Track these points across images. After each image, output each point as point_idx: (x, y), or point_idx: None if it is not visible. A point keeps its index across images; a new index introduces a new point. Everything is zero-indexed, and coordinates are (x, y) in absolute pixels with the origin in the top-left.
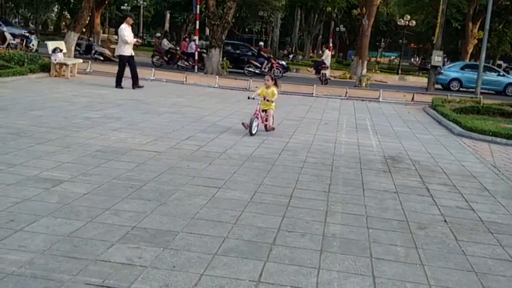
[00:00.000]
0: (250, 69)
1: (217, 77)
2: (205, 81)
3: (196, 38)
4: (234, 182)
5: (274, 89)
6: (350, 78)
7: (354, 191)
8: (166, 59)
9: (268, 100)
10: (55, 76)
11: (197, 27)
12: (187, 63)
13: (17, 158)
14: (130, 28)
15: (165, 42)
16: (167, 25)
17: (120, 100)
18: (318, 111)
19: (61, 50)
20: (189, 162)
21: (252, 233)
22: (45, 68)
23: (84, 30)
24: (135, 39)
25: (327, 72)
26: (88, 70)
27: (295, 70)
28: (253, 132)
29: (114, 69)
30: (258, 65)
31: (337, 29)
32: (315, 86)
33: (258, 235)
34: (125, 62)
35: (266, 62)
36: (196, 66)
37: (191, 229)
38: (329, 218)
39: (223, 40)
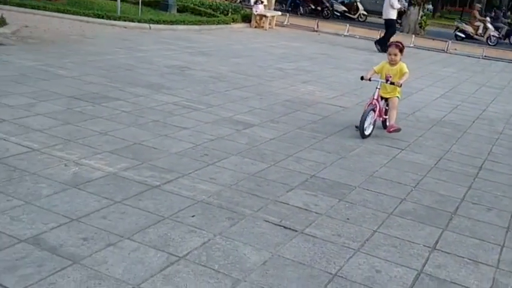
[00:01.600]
0: None
1: (413, 36)
2: (400, 40)
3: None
4: (419, 146)
5: (404, 65)
6: None
7: None
8: None
9: (392, 83)
10: (255, 27)
11: None
12: None
13: (215, 100)
14: None
15: None
16: None
17: (313, 54)
18: None
19: (262, 2)
20: None
21: (432, 199)
22: (246, 18)
23: None
24: (401, 5)
25: None
26: (285, 23)
27: None
28: (367, 133)
29: (310, 23)
30: None
31: None
32: None
33: (439, 202)
34: (393, 25)
35: None
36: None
37: (368, 186)
38: None
39: None
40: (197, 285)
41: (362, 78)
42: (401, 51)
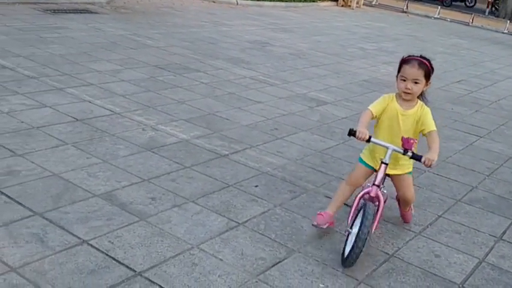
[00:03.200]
0: None
1: (508, 21)
2: (494, 25)
3: None
4: (499, 134)
5: (428, 112)
6: None
7: None
8: None
9: (417, 158)
10: (342, 6)
11: None
12: None
13: (292, 76)
14: None
15: None
16: None
17: (398, 35)
18: None
19: None
20: (453, 105)
21: (506, 189)
22: None
23: None
24: None
25: None
26: (374, 3)
27: None
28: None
29: (399, 3)
30: None
31: None
32: None
33: None
34: None
35: None
36: (487, 9)
37: (439, 171)
38: None
39: None
40: (253, 251)
41: (352, 133)
42: (427, 75)
